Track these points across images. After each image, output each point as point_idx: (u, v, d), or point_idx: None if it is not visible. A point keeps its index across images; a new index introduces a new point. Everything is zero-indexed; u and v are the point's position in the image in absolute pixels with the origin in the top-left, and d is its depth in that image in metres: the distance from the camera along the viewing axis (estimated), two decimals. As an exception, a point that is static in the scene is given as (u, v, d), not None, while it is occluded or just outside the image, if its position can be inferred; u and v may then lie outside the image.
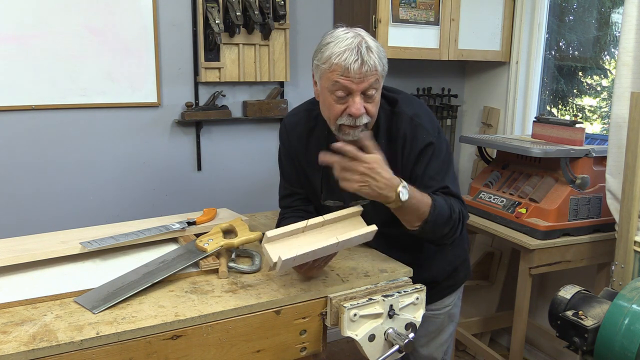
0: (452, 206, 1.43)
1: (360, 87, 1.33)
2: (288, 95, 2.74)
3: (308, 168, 1.60)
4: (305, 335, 1.28)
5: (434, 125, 1.49)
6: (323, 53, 1.35)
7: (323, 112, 1.46)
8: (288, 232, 1.25)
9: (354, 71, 1.31)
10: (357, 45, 1.32)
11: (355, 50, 1.31)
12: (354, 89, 1.34)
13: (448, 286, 1.72)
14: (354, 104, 1.35)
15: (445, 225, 1.42)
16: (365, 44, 1.33)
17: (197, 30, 2.45)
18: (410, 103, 1.51)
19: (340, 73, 1.32)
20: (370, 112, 1.39)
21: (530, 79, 2.85)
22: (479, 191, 2.49)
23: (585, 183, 2.15)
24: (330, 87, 1.36)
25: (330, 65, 1.33)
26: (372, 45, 1.35)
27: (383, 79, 1.40)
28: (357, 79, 1.32)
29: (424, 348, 1.75)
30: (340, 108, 1.37)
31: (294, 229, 1.26)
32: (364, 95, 1.36)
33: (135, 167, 2.49)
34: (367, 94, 1.36)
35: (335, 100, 1.37)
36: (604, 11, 2.62)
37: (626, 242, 1.82)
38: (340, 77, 1.33)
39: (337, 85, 1.34)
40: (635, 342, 1.17)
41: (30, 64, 2.19)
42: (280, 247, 1.23)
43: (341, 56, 1.31)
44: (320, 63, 1.36)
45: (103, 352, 1.06)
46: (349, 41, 1.33)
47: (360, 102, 1.35)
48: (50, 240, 1.48)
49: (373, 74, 1.34)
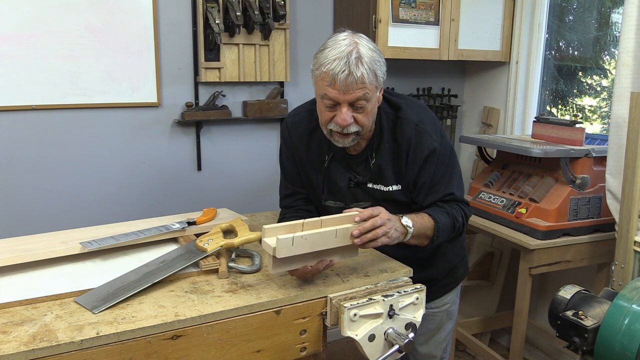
0: (454, 216, 1.49)
1: (345, 98, 1.34)
2: (288, 95, 2.74)
3: (309, 168, 1.61)
4: (305, 335, 1.28)
5: (437, 130, 1.50)
6: (318, 58, 1.36)
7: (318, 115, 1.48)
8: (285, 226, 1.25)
9: (340, 82, 1.31)
10: (347, 55, 1.31)
11: (344, 61, 1.30)
12: (340, 99, 1.35)
13: (447, 284, 1.73)
14: (340, 114, 1.36)
15: (450, 234, 1.50)
16: (356, 54, 1.31)
17: (197, 30, 2.45)
18: (414, 108, 1.52)
19: (328, 83, 1.33)
20: (359, 122, 1.39)
21: (530, 79, 2.85)
22: (479, 191, 2.49)
23: (585, 183, 2.15)
24: (320, 95, 1.38)
25: (320, 73, 1.35)
26: (364, 55, 1.32)
27: (378, 89, 1.40)
28: (343, 90, 1.32)
29: (423, 346, 1.75)
30: (329, 115, 1.39)
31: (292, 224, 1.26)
32: (353, 106, 1.36)
33: (135, 167, 2.49)
34: (356, 105, 1.36)
35: (325, 107, 1.39)
36: (604, 11, 2.62)
37: (626, 242, 1.82)
38: (327, 87, 1.34)
39: (325, 95, 1.35)
40: (635, 342, 1.17)
41: (30, 64, 2.19)
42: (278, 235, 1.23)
43: (331, 64, 1.31)
44: (314, 68, 1.38)
45: (103, 352, 1.06)
46: (342, 49, 1.32)
47: (347, 112, 1.36)
48: (51, 240, 1.48)
49: (360, 87, 1.33)
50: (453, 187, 1.52)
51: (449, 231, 1.48)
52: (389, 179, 1.51)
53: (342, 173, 1.56)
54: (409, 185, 1.51)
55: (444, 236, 1.47)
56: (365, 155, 1.53)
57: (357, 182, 1.55)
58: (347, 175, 1.55)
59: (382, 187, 1.52)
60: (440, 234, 1.44)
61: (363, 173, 1.54)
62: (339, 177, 1.56)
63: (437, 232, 1.43)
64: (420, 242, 1.44)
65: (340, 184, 1.56)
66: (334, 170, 1.57)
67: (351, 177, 1.55)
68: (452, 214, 1.48)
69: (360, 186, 1.55)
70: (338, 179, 1.56)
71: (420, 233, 1.41)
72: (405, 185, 1.51)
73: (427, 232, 1.43)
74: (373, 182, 1.53)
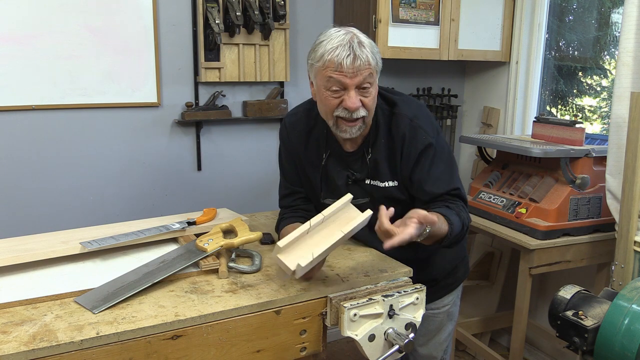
0: (464, 220, 1.46)
1: (354, 81, 1.35)
2: (288, 95, 2.74)
3: (308, 167, 1.61)
4: (305, 335, 1.28)
5: (433, 127, 1.50)
6: (316, 52, 1.38)
7: (320, 110, 1.48)
8: (296, 238, 1.25)
9: (347, 66, 1.33)
10: (349, 41, 1.34)
11: (348, 46, 1.34)
12: (348, 83, 1.36)
13: (447, 285, 1.72)
14: (349, 98, 1.37)
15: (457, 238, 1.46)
16: (357, 40, 1.36)
17: (197, 30, 2.45)
18: (409, 105, 1.52)
19: (334, 69, 1.35)
20: (367, 106, 1.40)
21: (530, 79, 2.85)
22: (479, 191, 2.49)
23: (585, 183, 2.15)
24: (325, 84, 1.38)
25: (323, 63, 1.36)
26: (364, 41, 1.37)
27: (377, 74, 1.42)
28: (351, 73, 1.34)
29: (423, 347, 1.75)
30: (336, 101, 1.39)
31: (301, 232, 1.25)
32: (359, 89, 1.38)
33: (135, 167, 2.49)
34: (362, 87, 1.38)
35: (331, 94, 1.39)
36: (604, 11, 2.62)
37: (626, 242, 1.82)
38: (334, 73, 1.35)
39: (332, 80, 1.36)
40: (635, 342, 1.17)
41: (30, 64, 2.19)
42: (293, 253, 1.23)
43: (334, 52, 1.34)
44: (314, 62, 1.39)
45: (103, 352, 1.06)
46: (341, 38, 1.35)
47: (355, 95, 1.37)
48: (51, 240, 1.48)
49: (366, 67, 1.35)
50: (458, 183, 1.51)
51: (457, 235, 1.44)
52: (385, 175, 1.51)
53: (339, 171, 1.56)
54: (405, 182, 1.51)
55: (452, 241, 1.44)
56: (361, 151, 1.53)
57: (355, 179, 1.55)
58: (344, 173, 1.55)
59: (378, 182, 1.52)
60: (452, 238, 1.41)
61: (360, 170, 1.54)
62: (336, 174, 1.56)
63: (450, 235, 1.40)
64: (432, 242, 1.41)
65: (338, 181, 1.56)
66: (332, 168, 1.57)
67: (349, 174, 1.55)
68: (462, 217, 1.45)
69: (358, 183, 1.55)
70: (336, 176, 1.56)
71: (435, 234, 1.37)
72: (402, 182, 1.51)
73: (440, 233, 1.38)
74: (370, 178, 1.53)
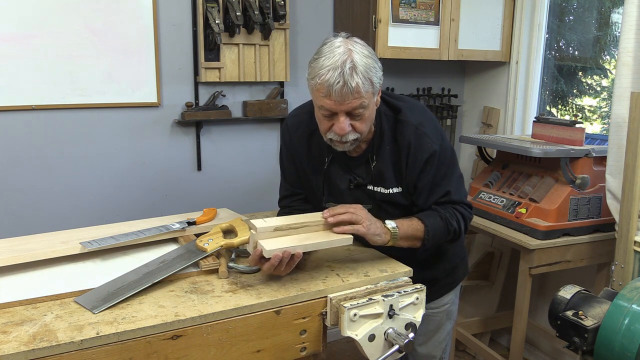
0: (447, 219, 1.49)
1: (342, 108, 1.34)
2: (288, 95, 2.74)
3: (309, 169, 1.60)
4: (305, 335, 1.28)
5: (437, 133, 1.50)
6: (313, 67, 1.35)
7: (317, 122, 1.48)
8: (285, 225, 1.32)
9: (335, 93, 1.31)
10: (342, 65, 1.29)
11: (338, 72, 1.29)
12: (336, 110, 1.35)
13: (447, 284, 1.73)
14: (338, 124, 1.36)
15: (445, 237, 1.50)
16: (350, 64, 1.30)
17: (197, 30, 2.45)
18: (413, 111, 1.51)
19: (324, 94, 1.33)
20: (358, 129, 1.39)
21: (530, 79, 2.85)
22: (479, 191, 2.49)
23: (585, 183, 2.15)
24: (317, 105, 1.39)
25: (315, 84, 1.34)
26: (358, 65, 1.31)
27: (375, 94, 1.39)
28: (339, 101, 1.32)
29: (422, 346, 1.75)
30: (327, 125, 1.40)
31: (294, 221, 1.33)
32: (350, 114, 1.36)
33: (135, 167, 2.49)
34: (353, 114, 1.36)
35: (322, 116, 1.39)
36: (604, 11, 2.62)
37: (626, 242, 1.82)
38: (323, 99, 1.34)
39: (322, 107, 1.36)
40: (635, 342, 1.17)
41: (30, 64, 2.19)
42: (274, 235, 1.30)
43: (325, 75, 1.30)
44: (310, 78, 1.37)
45: (103, 352, 1.06)
46: (336, 58, 1.30)
47: (344, 121, 1.36)
48: (51, 240, 1.48)
49: (355, 98, 1.32)
50: (451, 187, 1.52)
51: (442, 234, 1.48)
52: (390, 182, 1.51)
53: (342, 175, 1.56)
54: (409, 188, 1.51)
55: (437, 239, 1.48)
56: (365, 157, 1.53)
57: (357, 184, 1.54)
58: (347, 177, 1.55)
59: (382, 189, 1.52)
60: (431, 236, 1.45)
61: (363, 175, 1.54)
62: (339, 179, 1.56)
63: (428, 235, 1.45)
64: (413, 244, 1.46)
65: (340, 186, 1.56)
66: (334, 172, 1.56)
67: (351, 178, 1.55)
68: (445, 217, 1.48)
69: (361, 188, 1.55)
70: (338, 180, 1.56)
71: (409, 235, 1.43)
72: (406, 188, 1.52)
73: (416, 234, 1.44)
74: (373, 184, 1.53)
